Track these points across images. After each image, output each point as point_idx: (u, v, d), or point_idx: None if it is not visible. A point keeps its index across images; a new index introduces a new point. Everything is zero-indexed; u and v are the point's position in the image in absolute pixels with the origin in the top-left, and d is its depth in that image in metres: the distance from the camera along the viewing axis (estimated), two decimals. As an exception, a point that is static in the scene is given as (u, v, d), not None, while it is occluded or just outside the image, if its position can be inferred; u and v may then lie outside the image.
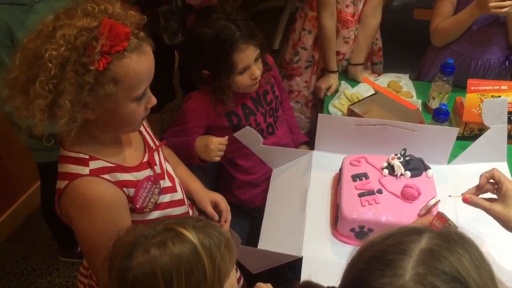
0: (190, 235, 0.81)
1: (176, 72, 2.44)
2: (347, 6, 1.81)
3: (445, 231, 0.70)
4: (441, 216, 1.07)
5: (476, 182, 1.46)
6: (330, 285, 0.82)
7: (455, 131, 1.49)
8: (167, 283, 0.79)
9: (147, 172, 1.11)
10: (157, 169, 1.15)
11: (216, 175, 1.72)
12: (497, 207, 1.05)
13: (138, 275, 0.79)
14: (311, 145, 1.70)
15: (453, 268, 0.64)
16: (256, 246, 1.36)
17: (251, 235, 1.59)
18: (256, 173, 1.63)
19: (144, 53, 0.95)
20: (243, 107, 1.54)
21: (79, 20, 0.89)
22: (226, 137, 1.47)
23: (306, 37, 1.92)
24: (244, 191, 1.66)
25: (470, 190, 1.14)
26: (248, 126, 1.47)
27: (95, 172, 1.00)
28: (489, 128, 1.49)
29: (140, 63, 0.94)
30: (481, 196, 1.13)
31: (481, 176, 1.12)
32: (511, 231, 1.04)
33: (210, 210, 1.32)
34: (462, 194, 1.14)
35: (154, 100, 1.04)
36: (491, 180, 1.12)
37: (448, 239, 0.67)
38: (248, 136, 1.49)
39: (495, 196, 1.12)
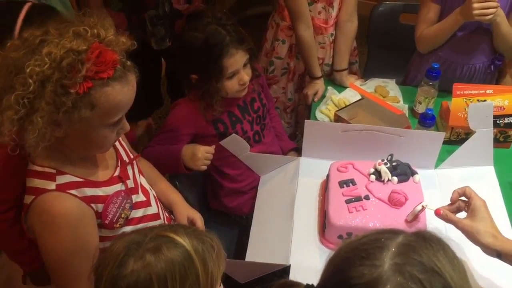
0: (183, 241, 0.81)
1: (164, 79, 2.42)
2: (319, 12, 1.81)
3: (419, 231, 0.73)
4: None
5: (462, 186, 1.47)
6: None
7: (441, 135, 1.49)
8: None
9: (118, 187, 1.09)
10: (130, 183, 1.13)
11: (203, 184, 1.71)
12: (465, 221, 1.11)
13: (132, 282, 0.78)
14: (298, 151, 1.69)
15: (429, 260, 0.67)
16: (245, 254, 1.35)
17: (240, 243, 1.57)
18: (244, 181, 1.62)
19: (127, 83, 0.94)
20: (229, 115, 1.53)
21: (68, 40, 0.88)
22: (213, 146, 1.46)
23: (281, 47, 1.92)
24: (231, 199, 1.65)
25: (444, 206, 1.17)
26: (234, 134, 1.46)
27: (62, 188, 0.99)
28: (475, 132, 1.49)
29: (122, 93, 0.93)
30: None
31: (453, 191, 1.17)
32: (476, 244, 1.07)
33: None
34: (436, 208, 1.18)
35: (127, 127, 1.03)
36: (464, 198, 1.16)
37: (422, 237, 0.71)
38: (235, 143, 1.49)
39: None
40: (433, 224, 1.26)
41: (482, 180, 1.51)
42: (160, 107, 2.47)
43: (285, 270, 1.26)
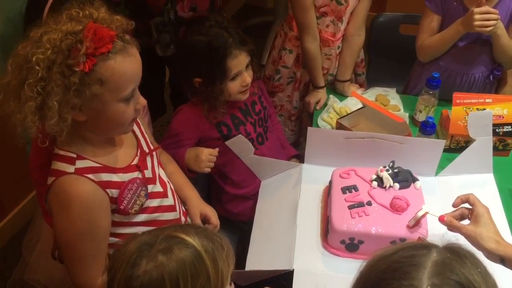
0: (193, 241, 0.84)
1: (167, 86, 2.44)
2: (327, 26, 1.83)
3: (452, 246, 0.74)
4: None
5: (463, 193, 1.49)
6: None
7: (442, 143, 1.51)
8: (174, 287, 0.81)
9: (135, 175, 1.13)
10: (148, 173, 1.17)
11: (207, 189, 1.72)
12: (468, 226, 1.13)
13: (145, 282, 0.80)
14: (300, 158, 1.71)
15: (466, 279, 0.67)
16: (245, 259, 1.36)
17: (240, 249, 1.58)
18: (247, 187, 1.64)
19: (129, 55, 0.98)
20: (232, 117, 1.55)
21: (64, 24, 0.94)
22: (217, 149, 1.48)
23: (287, 56, 1.94)
24: (235, 204, 1.67)
25: (448, 213, 1.19)
26: (240, 135, 1.49)
27: (80, 171, 1.04)
28: (475, 140, 1.52)
29: (125, 64, 0.97)
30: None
31: (457, 197, 1.20)
32: (479, 249, 1.09)
33: (197, 221, 1.34)
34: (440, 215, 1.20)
35: (143, 101, 1.07)
36: (468, 205, 1.18)
37: (457, 253, 0.72)
38: (240, 144, 1.50)
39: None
40: (434, 230, 1.28)
41: (482, 188, 1.53)
42: (163, 115, 2.49)
43: (289, 274, 1.28)
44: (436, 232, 1.27)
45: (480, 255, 1.08)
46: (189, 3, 1.80)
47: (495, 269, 0.74)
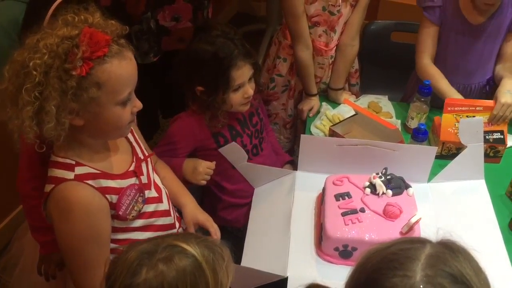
0: (194, 250, 0.83)
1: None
2: (319, 35, 1.83)
3: (445, 241, 0.76)
4: None
5: (456, 200, 1.51)
6: None
7: (433, 150, 1.52)
8: None
9: (132, 181, 1.14)
10: (144, 179, 1.18)
11: (200, 197, 1.72)
12: None
13: None
14: (294, 165, 1.72)
15: (458, 272, 0.70)
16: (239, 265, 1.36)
17: (233, 256, 1.58)
18: (244, 195, 1.63)
19: (125, 58, 1.00)
20: (230, 128, 1.56)
21: (60, 29, 0.95)
22: (214, 162, 1.49)
23: (282, 64, 1.95)
24: (230, 212, 1.67)
25: None
26: (234, 142, 1.49)
27: (80, 178, 1.04)
28: (466, 147, 1.53)
29: (122, 67, 0.99)
30: None
31: None
32: None
33: (191, 230, 1.34)
34: None
35: (139, 104, 1.08)
36: None
37: (450, 247, 0.74)
38: (233, 152, 1.51)
39: None
40: (427, 237, 1.29)
41: (474, 194, 1.55)
42: (157, 130, 2.41)
43: (283, 282, 1.28)
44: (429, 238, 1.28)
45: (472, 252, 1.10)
46: (171, 12, 1.79)
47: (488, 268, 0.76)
